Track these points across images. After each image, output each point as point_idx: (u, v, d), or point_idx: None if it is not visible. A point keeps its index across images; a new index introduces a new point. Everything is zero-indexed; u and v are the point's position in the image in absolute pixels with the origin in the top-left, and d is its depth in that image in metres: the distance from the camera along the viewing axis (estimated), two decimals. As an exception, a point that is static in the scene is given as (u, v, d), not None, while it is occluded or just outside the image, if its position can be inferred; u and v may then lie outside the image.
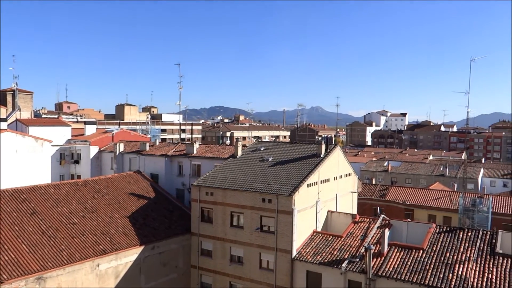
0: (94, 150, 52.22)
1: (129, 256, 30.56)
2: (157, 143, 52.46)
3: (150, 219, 34.96)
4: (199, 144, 48.67)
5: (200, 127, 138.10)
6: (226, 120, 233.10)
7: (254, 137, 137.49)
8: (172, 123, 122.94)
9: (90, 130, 62.52)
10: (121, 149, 49.88)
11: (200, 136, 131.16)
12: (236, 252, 32.20)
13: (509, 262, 25.24)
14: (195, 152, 45.34)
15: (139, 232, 32.66)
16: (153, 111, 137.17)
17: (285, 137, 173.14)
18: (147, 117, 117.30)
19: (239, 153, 39.41)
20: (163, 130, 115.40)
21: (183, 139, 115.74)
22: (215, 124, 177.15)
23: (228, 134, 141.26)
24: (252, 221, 31.35)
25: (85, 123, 65.71)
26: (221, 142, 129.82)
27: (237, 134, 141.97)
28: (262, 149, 39.88)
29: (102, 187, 36.98)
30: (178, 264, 34.13)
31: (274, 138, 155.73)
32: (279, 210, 30.00)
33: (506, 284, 23.56)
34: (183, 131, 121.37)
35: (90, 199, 34.49)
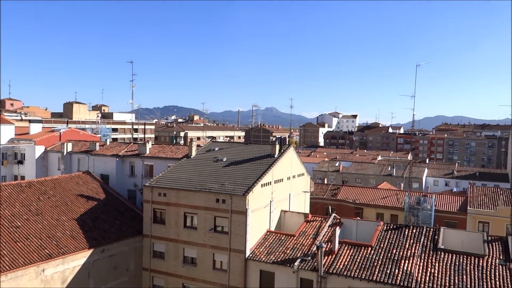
0: (39, 150, 49.91)
1: (77, 260, 29.44)
2: (108, 143, 50.95)
3: (100, 221, 33.88)
4: (152, 144, 47.86)
5: (153, 127, 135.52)
6: (180, 120, 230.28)
7: (209, 137, 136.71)
8: (124, 123, 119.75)
9: (35, 129, 59.69)
10: (69, 149, 48.05)
11: (153, 136, 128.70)
12: (190, 253, 31.92)
13: (450, 257, 26.76)
14: (147, 152, 44.52)
15: (88, 234, 31.55)
16: (103, 110, 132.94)
17: (239, 137, 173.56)
18: (98, 116, 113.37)
19: (193, 153, 39.11)
20: (115, 130, 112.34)
21: (135, 139, 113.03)
22: (169, 124, 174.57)
23: (182, 134, 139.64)
24: (205, 222, 31.20)
25: (30, 121, 62.70)
26: (174, 142, 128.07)
27: (191, 134, 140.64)
28: (217, 149, 39.78)
29: (49, 188, 35.37)
30: (129, 267, 33.31)
31: (228, 139, 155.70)
32: (233, 210, 30.05)
33: (447, 278, 24.96)
34: (136, 130, 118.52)
35: (35, 201, 32.88)
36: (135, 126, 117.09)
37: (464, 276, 24.85)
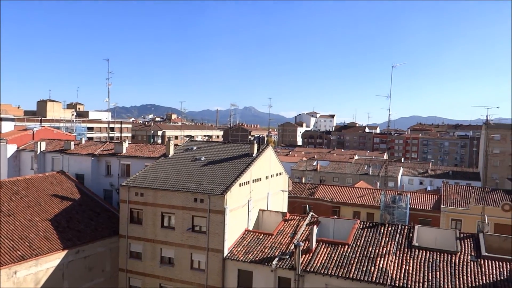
0: (11, 148, 48.52)
1: (51, 262, 28.79)
2: (83, 142, 50.02)
3: (75, 221, 33.22)
4: (128, 143, 47.20)
5: (130, 126, 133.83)
6: (157, 119, 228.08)
7: (187, 136, 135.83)
8: (100, 121, 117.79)
9: (7, 127, 58.04)
10: (43, 148, 46.94)
11: (130, 135, 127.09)
12: (167, 253, 31.65)
13: (424, 254, 27.38)
14: (124, 151, 43.91)
15: (62, 235, 30.90)
16: (79, 108, 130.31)
17: (218, 136, 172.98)
18: (72, 114, 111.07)
19: (171, 152, 38.80)
20: (90, 128, 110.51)
21: (111, 138, 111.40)
22: (146, 123, 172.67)
23: (159, 133, 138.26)
24: (183, 222, 30.99)
25: (1, 119, 60.87)
26: (152, 141, 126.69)
27: (169, 133, 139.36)
28: (195, 148, 39.56)
29: (21, 188, 34.45)
30: (105, 268, 32.79)
31: (207, 138, 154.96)
32: (211, 209, 29.95)
33: (421, 275, 25.53)
34: (112, 129, 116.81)
35: (7, 202, 31.96)
36: (111, 125, 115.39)
37: (438, 273, 25.47)
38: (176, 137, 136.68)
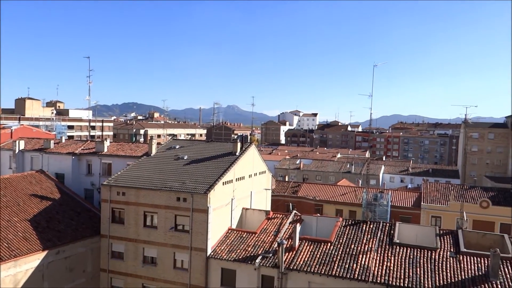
0: (-12, 147, 47.39)
1: (30, 263, 28.26)
2: (64, 141, 49.23)
3: (55, 221, 32.66)
4: (110, 142, 46.68)
5: (111, 124, 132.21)
6: (140, 117, 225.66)
7: (170, 135, 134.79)
8: (80, 120, 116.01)
9: (-16, 125, 56.55)
10: (21, 147, 46.04)
11: (111, 133, 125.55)
12: (150, 253, 31.39)
13: (405, 250, 27.81)
14: (105, 150, 43.37)
15: (42, 236, 30.34)
16: (59, 106, 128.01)
17: (201, 135, 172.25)
18: (52, 113, 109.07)
19: (153, 151, 38.47)
20: (71, 127, 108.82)
21: (92, 137, 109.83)
22: (128, 121, 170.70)
23: (142, 131, 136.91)
24: (166, 221, 30.77)
25: (-22, 117, 59.33)
26: (134, 140, 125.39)
27: (151, 131, 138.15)
28: (178, 147, 39.31)
29: (-1, 188, 33.70)
30: (86, 268, 32.35)
31: (190, 136, 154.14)
32: (194, 208, 29.82)
33: (402, 271, 25.93)
34: (93, 128, 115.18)
35: (-16, 202, 31.23)
36: (92, 124, 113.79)
37: (418, 269, 25.90)
38: (159, 136, 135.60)
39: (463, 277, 24.98)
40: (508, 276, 24.71)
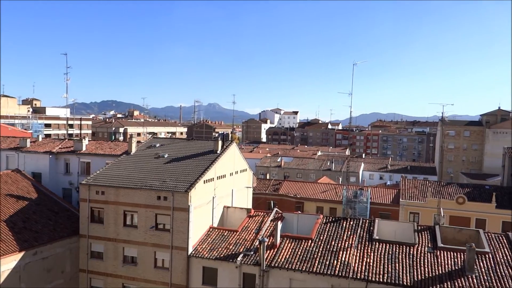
0: (-39, 146, 45.97)
1: (6, 264, 27.57)
2: (40, 139, 48.09)
3: (32, 222, 31.97)
4: (88, 140, 45.91)
5: (90, 122, 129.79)
6: (119, 115, 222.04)
7: (150, 133, 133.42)
8: (58, 118, 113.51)
9: (-44, 124, 54.87)
10: (-4, 146, 44.73)
11: (90, 132, 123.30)
12: (130, 253, 31.05)
13: (384, 246, 28.27)
14: (84, 148, 42.64)
15: (18, 236, 29.65)
16: (35, 104, 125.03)
17: (181, 133, 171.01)
18: (28, 111, 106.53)
19: (133, 149, 38.03)
20: (48, 125, 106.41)
21: (70, 135, 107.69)
22: (107, 119, 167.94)
23: (121, 130, 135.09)
24: (146, 220, 30.49)
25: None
26: (113, 138, 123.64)
27: (131, 130, 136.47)
28: (158, 145, 38.96)
29: (-28, 188, 32.78)
30: (65, 269, 31.79)
31: (170, 135, 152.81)
32: (175, 207, 29.62)
33: (382, 267, 26.35)
34: (71, 126, 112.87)
35: (-43, 203, 30.35)
36: (70, 122, 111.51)
37: (397, 264, 26.38)
38: (139, 134, 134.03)
39: (441, 272, 25.56)
40: (483, 270, 25.41)
